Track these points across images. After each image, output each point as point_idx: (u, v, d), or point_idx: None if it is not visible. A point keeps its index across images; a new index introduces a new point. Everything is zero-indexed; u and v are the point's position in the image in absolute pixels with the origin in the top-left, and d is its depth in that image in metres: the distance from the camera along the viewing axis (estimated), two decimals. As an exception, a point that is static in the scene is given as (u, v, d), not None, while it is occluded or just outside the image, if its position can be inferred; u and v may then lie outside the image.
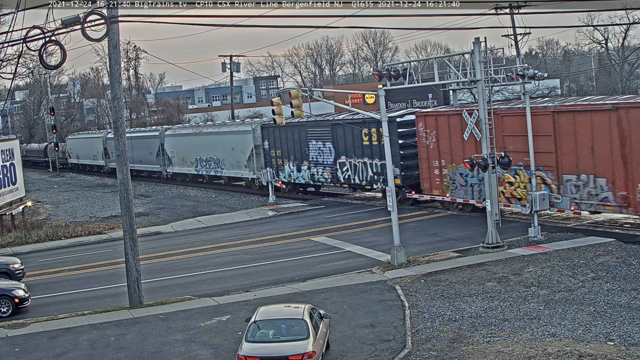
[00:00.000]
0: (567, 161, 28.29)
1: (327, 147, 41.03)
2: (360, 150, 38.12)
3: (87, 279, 28.41)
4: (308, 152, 42.44)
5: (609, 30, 76.34)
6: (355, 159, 38.58)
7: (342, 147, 39.65)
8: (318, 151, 41.73)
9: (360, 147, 38.07)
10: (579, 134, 27.59)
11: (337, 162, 40.26)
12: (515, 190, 30.51)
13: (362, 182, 38.60)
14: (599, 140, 27.07)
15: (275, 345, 15.66)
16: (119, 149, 23.25)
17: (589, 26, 76.06)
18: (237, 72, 70.78)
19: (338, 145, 40.01)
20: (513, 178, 30.53)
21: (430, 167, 34.55)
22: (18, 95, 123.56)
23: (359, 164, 38.45)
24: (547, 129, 28.62)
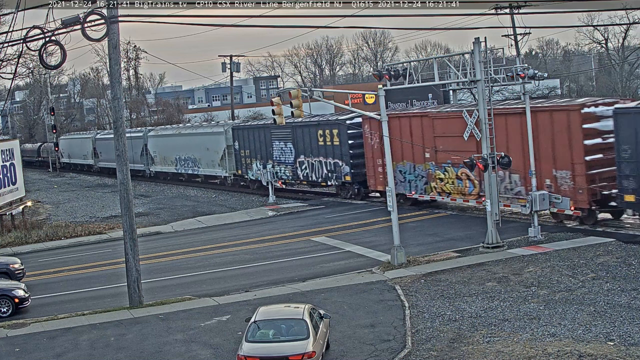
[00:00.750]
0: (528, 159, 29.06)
1: (288, 147, 44.45)
2: (317, 150, 41.60)
3: (87, 279, 28.41)
4: (272, 152, 45.78)
5: (609, 30, 76.40)
6: (313, 158, 42.17)
7: (301, 147, 43.12)
8: (281, 151, 45.15)
9: (317, 147, 41.53)
10: (496, 135, 28.79)
11: (297, 160, 43.57)
12: (445, 186, 33.73)
13: (318, 179, 42.10)
14: (513, 140, 29.85)
15: (275, 345, 15.66)
16: (119, 149, 23.27)
17: (589, 26, 76.11)
18: (237, 72, 70.81)
19: (298, 146, 43.48)
20: (443, 174, 33.70)
21: (375, 165, 37.87)
22: (18, 95, 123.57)
23: (315, 163, 41.96)
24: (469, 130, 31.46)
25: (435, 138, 33.53)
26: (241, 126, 49.41)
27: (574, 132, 27.73)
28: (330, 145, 40.51)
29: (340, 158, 40.29)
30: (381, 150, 34.78)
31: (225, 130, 50.61)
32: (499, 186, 29.33)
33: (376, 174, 37.89)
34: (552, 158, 28.67)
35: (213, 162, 52.56)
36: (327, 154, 41.05)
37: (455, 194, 33.26)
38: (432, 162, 34.45)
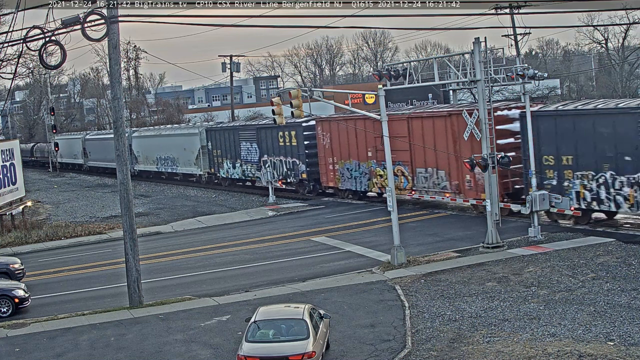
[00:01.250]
0: (418, 157, 35.06)
1: (253, 148, 48.19)
2: (278, 150, 45.26)
3: (87, 279, 28.41)
4: (240, 151, 49.62)
5: (609, 30, 76.41)
6: (275, 157, 45.69)
7: (264, 147, 46.80)
8: (247, 151, 48.87)
9: (278, 147, 45.20)
10: (426, 136, 34.06)
11: (262, 160, 47.13)
12: (384, 181, 36.51)
13: (279, 176, 45.49)
14: (439, 140, 33.44)
15: (275, 345, 15.66)
16: (119, 149, 23.30)
17: (589, 26, 76.12)
18: (237, 72, 70.81)
19: (262, 146, 47.17)
20: (382, 171, 36.78)
21: (327, 163, 41.76)
22: (18, 95, 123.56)
23: (277, 162, 45.50)
24: (404, 131, 35.01)
25: (376, 138, 36.26)
26: (214, 128, 53.52)
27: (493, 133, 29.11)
28: (290, 146, 44.22)
29: (297, 157, 43.78)
30: (332, 150, 40.78)
31: (200, 131, 54.47)
32: (428, 181, 34.65)
33: (327, 172, 41.76)
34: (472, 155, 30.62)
35: (189, 161, 56.34)
36: (286, 154, 44.61)
37: (404, 191, 36.61)
38: (373, 160, 37.90)
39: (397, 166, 34.98)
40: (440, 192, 33.80)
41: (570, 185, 28.47)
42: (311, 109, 40.06)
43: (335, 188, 41.87)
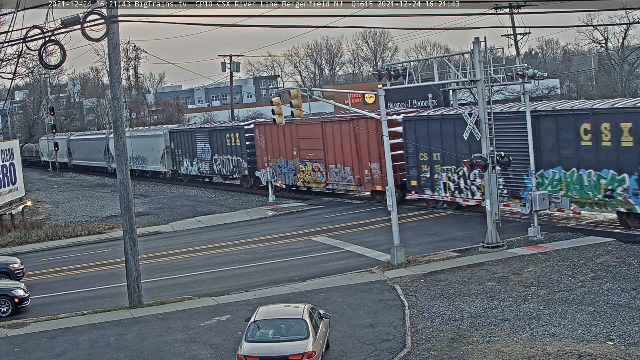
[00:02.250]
0: (330, 156, 41.02)
1: (207, 148, 53.98)
2: (226, 150, 51.30)
3: (87, 279, 28.41)
4: (196, 151, 55.46)
5: (609, 30, 76.42)
6: (224, 156, 51.79)
7: (215, 147, 52.82)
8: (202, 150, 54.68)
9: (226, 147, 51.23)
10: (335, 137, 40.37)
11: (213, 158, 53.34)
12: (305, 177, 43.56)
13: (227, 173, 51.72)
14: (346, 141, 39.60)
15: (275, 345, 15.66)
16: (119, 149, 23.30)
17: (589, 26, 76.13)
18: (237, 72, 70.83)
19: (213, 146, 53.04)
20: (304, 168, 43.53)
21: (263, 161, 47.59)
22: (18, 95, 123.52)
23: (225, 160, 51.61)
24: (318, 133, 41.54)
25: (299, 140, 43.48)
26: (176, 130, 59.81)
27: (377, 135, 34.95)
28: (235, 146, 50.24)
29: (241, 156, 49.87)
30: (267, 150, 46.93)
31: (164, 133, 60.23)
32: (338, 176, 40.32)
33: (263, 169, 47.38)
34: (368, 154, 38.03)
35: (156, 160, 62.34)
36: (232, 153, 50.74)
37: (312, 182, 43.21)
38: (297, 158, 44.07)
39: (315, 164, 42.43)
40: (347, 184, 40.33)
41: (439, 177, 34.52)
42: (311, 109, 40.45)
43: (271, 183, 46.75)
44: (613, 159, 27.06)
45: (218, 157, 52.57)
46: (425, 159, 34.96)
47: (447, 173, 33.73)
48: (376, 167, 37.36)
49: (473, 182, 32.28)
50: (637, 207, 26.43)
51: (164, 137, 59.89)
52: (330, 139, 40.78)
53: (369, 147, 37.58)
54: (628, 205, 26.75)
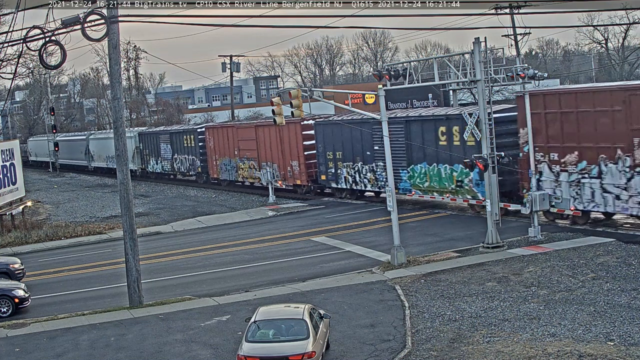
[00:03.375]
0: (262, 155, 47.27)
1: (168, 148, 60.38)
2: (184, 149, 57.71)
3: (87, 279, 28.41)
4: (160, 151, 61.76)
5: (609, 30, 76.52)
6: (182, 155, 58.19)
7: (175, 147, 59.22)
8: (164, 150, 61.06)
9: (184, 148, 57.69)
10: (266, 139, 46.45)
11: (173, 157, 59.74)
12: (244, 173, 50.06)
13: (185, 170, 58.38)
14: (273, 142, 45.79)
15: (275, 345, 15.66)
16: (119, 149, 23.29)
17: (589, 26, 76.21)
18: (237, 72, 70.84)
19: (174, 147, 59.53)
20: (243, 165, 49.78)
21: (211, 160, 54.17)
22: (18, 95, 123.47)
23: (183, 159, 58.00)
24: (253, 136, 48.15)
25: (239, 141, 49.86)
26: (144, 132, 66.47)
27: (298, 136, 43.67)
28: (191, 147, 56.64)
29: (195, 155, 56.11)
30: (214, 150, 53.25)
31: (134, 135, 65.84)
32: (270, 172, 44.84)
33: (213, 166, 54.15)
34: (290, 154, 44.37)
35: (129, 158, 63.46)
36: (189, 153, 57.06)
37: (249, 178, 49.75)
38: (238, 157, 50.18)
39: (251, 162, 48.70)
40: (276, 179, 45.44)
41: (341, 172, 40.91)
42: (311, 109, 40.79)
43: (217, 178, 53.99)
44: (461, 155, 32.07)
45: (177, 157, 59.02)
46: (330, 157, 41.42)
47: (346, 168, 40.52)
48: (296, 164, 44.28)
49: (365, 175, 39.06)
50: (479, 194, 31.75)
51: (134, 138, 65.28)
52: (262, 141, 47.25)
53: (290, 147, 44.47)
54: (472, 193, 32.48)
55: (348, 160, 40.19)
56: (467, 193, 32.69)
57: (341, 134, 40.14)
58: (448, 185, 33.51)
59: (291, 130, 43.77)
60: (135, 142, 65.73)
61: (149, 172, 64.78)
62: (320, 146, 42.27)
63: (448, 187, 33.50)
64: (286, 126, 42.47)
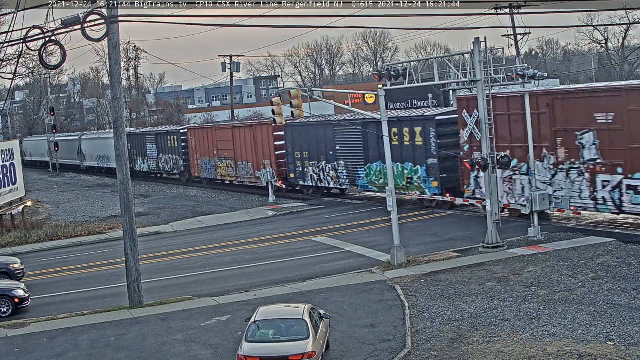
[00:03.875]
0: (238, 154, 50.47)
1: (154, 148, 63.86)
2: (168, 150, 61.32)
3: (87, 279, 28.41)
4: (146, 151, 65.69)
5: (609, 30, 76.54)
6: (166, 155, 61.72)
7: (160, 148, 62.95)
8: (150, 150, 64.79)
9: (168, 148, 61.30)
10: (242, 140, 49.89)
11: (159, 157, 63.27)
12: (222, 171, 52.97)
13: (169, 169, 62.14)
14: (248, 143, 48.95)
15: (275, 345, 15.66)
16: (119, 149, 23.26)
17: (589, 26, 76.24)
18: (237, 72, 70.88)
19: (159, 147, 62.95)
20: (221, 164, 52.86)
21: (194, 159, 57.42)
22: (18, 95, 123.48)
23: (168, 158, 61.55)
24: (230, 136, 51.30)
25: (217, 142, 53.10)
26: (130, 133, 68.03)
27: (270, 137, 46.85)
28: (174, 147, 60.13)
29: (179, 155, 59.50)
30: (196, 150, 56.68)
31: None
32: (244, 170, 49.51)
33: (194, 165, 57.56)
34: (263, 153, 47.68)
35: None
36: (173, 153, 60.59)
37: (227, 176, 52.47)
38: (217, 157, 53.36)
39: (228, 161, 51.84)
40: (249, 177, 49.48)
41: (307, 171, 43.67)
42: (311, 109, 40.85)
43: (199, 176, 57.07)
44: (411, 154, 35.69)
45: (162, 156, 62.47)
46: (298, 156, 44.29)
47: (312, 167, 43.32)
48: (268, 163, 46.94)
49: (328, 173, 42.23)
50: (426, 190, 35.19)
51: None
52: (238, 141, 50.26)
53: (263, 148, 47.58)
54: (421, 189, 35.58)
55: (314, 159, 43.04)
56: (416, 189, 35.82)
57: (307, 135, 43.34)
58: (400, 182, 36.02)
59: (264, 132, 47.02)
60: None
61: (137, 171, 66.78)
62: (289, 146, 45.04)
63: (400, 184, 35.97)
64: (259, 127, 47.52)
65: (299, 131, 44.01)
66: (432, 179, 34.77)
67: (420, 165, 35.15)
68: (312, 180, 43.50)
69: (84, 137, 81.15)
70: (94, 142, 77.23)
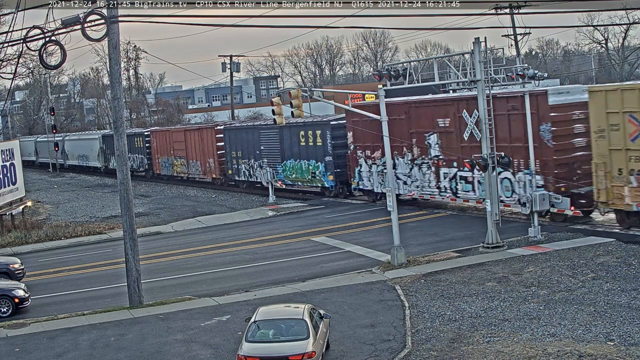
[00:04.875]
0: (189, 154, 56.94)
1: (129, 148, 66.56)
2: (135, 150, 67.30)
3: (87, 279, 28.41)
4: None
5: (609, 30, 76.53)
6: (133, 154, 67.42)
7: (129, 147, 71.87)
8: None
9: (135, 148, 67.42)
10: (192, 141, 56.61)
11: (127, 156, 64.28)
12: (177, 168, 59.85)
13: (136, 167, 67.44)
14: (197, 144, 55.69)
15: (275, 345, 15.66)
16: (119, 149, 23.27)
17: (589, 26, 76.24)
18: (237, 72, 70.90)
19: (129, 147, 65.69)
20: (176, 162, 59.56)
21: (155, 158, 64.67)
22: (18, 95, 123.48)
23: (134, 157, 67.80)
24: (182, 138, 58.05)
25: (173, 143, 59.99)
26: (105, 134, 75.67)
27: (213, 139, 53.37)
28: (140, 147, 67.21)
29: (144, 154, 66.68)
30: (157, 150, 63.64)
31: (99, 137, 77.06)
32: (194, 168, 56.54)
33: (156, 164, 64.45)
34: (208, 152, 54.19)
35: (94, 157, 78.50)
36: (139, 152, 67.66)
37: (181, 173, 59.34)
38: (173, 156, 60.18)
39: (182, 159, 58.43)
40: (199, 174, 56.02)
41: (241, 167, 50.12)
42: (311, 109, 40.98)
43: (159, 173, 63.70)
44: (314, 153, 42.64)
45: (130, 155, 66.93)
46: (234, 155, 50.92)
47: (244, 164, 49.85)
48: (211, 162, 53.98)
49: (255, 170, 48.56)
50: (325, 183, 42.44)
51: (98, 139, 76.18)
52: (189, 142, 56.96)
53: (207, 148, 54.22)
54: (321, 182, 42.79)
55: (245, 158, 49.76)
56: (318, 182, 42.98)
57: (241, 137, 50.23)
58: (306, 176, 43.59)
59: (208, 134, 54.18)
60: (100, 143, 76.06)
61: (110, 169, 72.85)
62: (227, 147, 51.86)
63: (306, 178, 43.68)
64: (205, 131, 55.04)
65: (234, 134, 50.97)
66: (329, 173, 41.98)
67: (321, 162, 42.26)
68: (245, 175, 50.17)
69: (67, 138, 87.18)
70: (75, 143, 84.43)
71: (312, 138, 42.64)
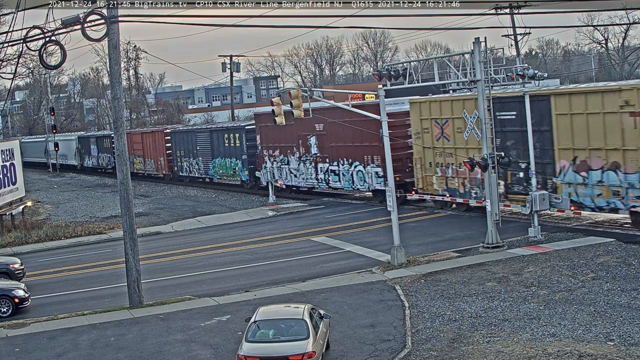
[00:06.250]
0: (145, 153, 64.39)
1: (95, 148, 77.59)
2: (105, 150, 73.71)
3: (87, 279, 28.41)
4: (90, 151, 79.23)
5: (609, 30, 76.53)
6: (104, 154, 74.48)
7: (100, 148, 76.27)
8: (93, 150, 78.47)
9: (104, 148, 73.95)
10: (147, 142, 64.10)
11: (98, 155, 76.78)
12: (137, 166, 65.81)
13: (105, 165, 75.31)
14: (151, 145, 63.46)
15: (275, 345, 15.66)
16: (119, 148, 23.27)
17: (589, 26, 76.24)
18: (237, 72, 70.91)
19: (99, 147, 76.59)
20: (136, 161, 65.63)
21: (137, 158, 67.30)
22: (18, 95, 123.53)
23: (103, 156, 74.87)
24: (140, 140, 65.31)
25: (133, 144, 64.84)
26: (80, 135, 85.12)
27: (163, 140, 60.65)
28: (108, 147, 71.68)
29: (111, 154, 68.94)
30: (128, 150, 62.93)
31: (75, 138, 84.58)
32: (149, 165, 64.40)
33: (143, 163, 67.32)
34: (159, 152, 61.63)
35: (72, 156, 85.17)
36: (107, 152, 72.53)
37: (140, 170, 65.85)
38: (134, 155, 65.06)
39: (140, 158, 65.61)
40: (153, 170, 63.91)
41: (184, 165, 57.65)
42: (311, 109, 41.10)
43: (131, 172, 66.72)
44: (234, 152, 50.50)
45: (101, 155, 76.39)
46: (179, 154, 58.71)
47: (186, 162, 57.51)
48: (162, 160, 61.61)
49: (194, 166, 56.21)
50: (243, 177, 50.10)
51: (75, 140, 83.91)
52: (145, 144, 64.46)
53: (159, 148, 61.94)
54: (240, 176, 50.45)
55: (186, 156, 57.48)
56: (237, 176, 50.87)
57: (183, 139, 58.07)
58: (229, 171, 51.46)
59: (159, 136, 61.98)
60: (76, 143, 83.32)
61: (85, 167, 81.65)
62: (174, 147, 59.74)
63: (229, 173, 51.57)
64: (157, 133, 62.73)
65: (179, 136, 59.18)
66: (245, 169, 49.34)
67: (239, 160, 49.92)
68: (187, 171, 57.89)
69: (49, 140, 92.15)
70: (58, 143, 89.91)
71: (233, 140, 50.80)
